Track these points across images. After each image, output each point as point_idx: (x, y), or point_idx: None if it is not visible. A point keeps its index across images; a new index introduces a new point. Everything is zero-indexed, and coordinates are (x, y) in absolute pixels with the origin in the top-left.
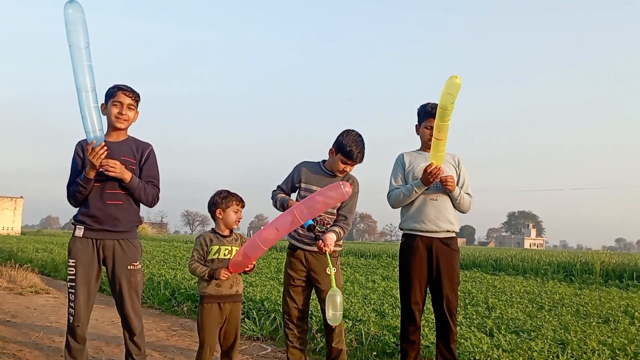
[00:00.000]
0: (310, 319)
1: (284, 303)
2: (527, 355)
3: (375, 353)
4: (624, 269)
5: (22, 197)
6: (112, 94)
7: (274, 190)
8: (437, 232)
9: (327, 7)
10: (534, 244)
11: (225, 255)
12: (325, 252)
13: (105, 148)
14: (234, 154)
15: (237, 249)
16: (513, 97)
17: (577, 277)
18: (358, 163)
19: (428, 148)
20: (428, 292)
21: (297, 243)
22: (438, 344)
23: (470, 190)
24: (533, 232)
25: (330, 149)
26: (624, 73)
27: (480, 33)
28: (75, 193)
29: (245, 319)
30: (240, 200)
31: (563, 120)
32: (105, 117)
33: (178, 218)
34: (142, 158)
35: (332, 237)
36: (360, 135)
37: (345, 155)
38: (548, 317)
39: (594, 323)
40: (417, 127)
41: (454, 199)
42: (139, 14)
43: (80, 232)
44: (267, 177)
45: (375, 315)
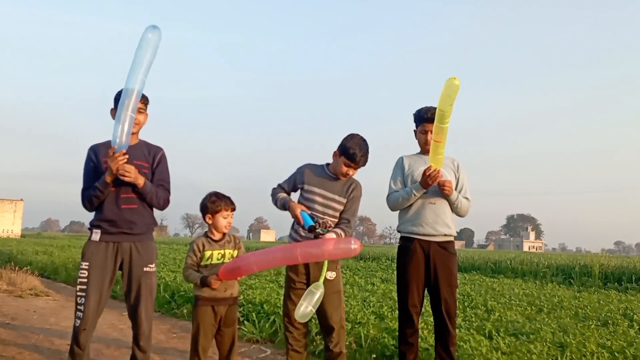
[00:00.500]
0: (310, 322)
1: (285, 306)
2: (526, 358)
3: (375, 355)
4: (623, 272)
5: (22, 199)
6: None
7: (275, 189)
8: (434, 235)
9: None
10: (533, 247)
11: (219, 260)
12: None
13: (127, 156)
14: (234, 157)
15: (230, 252)
16: (513, 100)
17: (576, 280)
18: (361, 166)
19: (426, 152)
20: (426, 294)
21: None
22: (437, 347)
23: (469, 195)
24: (532, 235)
25: (334, 152)
26: (623, 76)
27: (480, 35)
28: (92, 197)
29: (245, 322)
30: (230, 204)
31: (562, 124)
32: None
33: (178, 221)
34: (154, 162)
35: (332, 237)
36: (365, 139)
37: (349, 158)
38: (547, 319)
39: (593, 326)
40: (415, 131)
41: (452, 203)
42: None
43: (97, 236)
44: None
45: (375, 318)
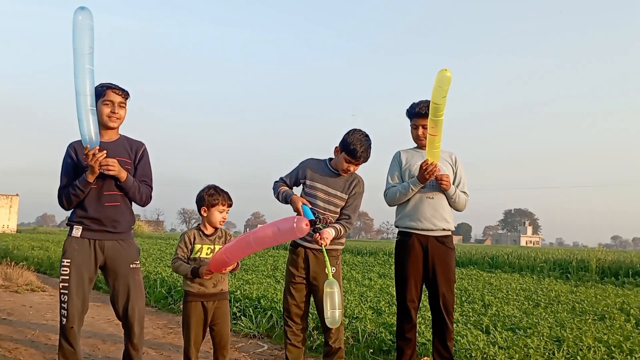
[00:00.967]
0: (309, 317)
1: (284, 300)
2: (523, 353)
3: (372, 350)
4: (620, 266)
5: (17, 194)
6: (101, 94)
7: (277, 182)
8: (433, 230)
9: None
10: (530, 242)
11: (208, 255)
12: (321, 244)
13: (105, 152)
14: (231, 152)
15: (220, 247)
16: (508, 94)
17: (573, 274)
18: (362, 163)
19: (422, 146)
20: (424, 289)
21: (299, 240)
22: (435, 342)
23: (467, 189)
24: (529, 229)
25: (336, 147)
26: (619, 71)
27: (475, 29)
28: (71, 196)
29: (242, 317)
30: (228, 199)
31: (559, 118)
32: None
33: (174, 216)
34: (136, 157)
35: (330, 232)
36: (367, 135)
37: (349, 154)
38: (544, 314)
39: (590, 320)
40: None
41: (450, 198)
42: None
43: (78, 232)
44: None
45: (372, 313)
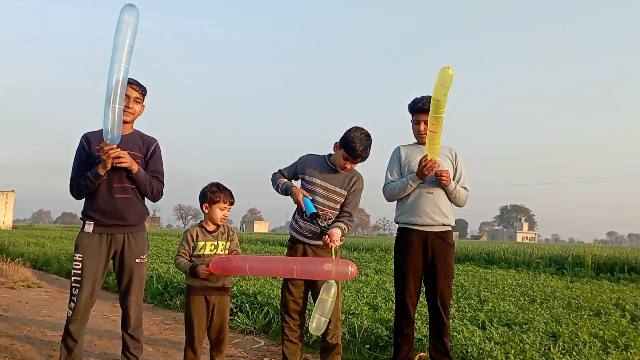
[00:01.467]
0: (306, 313)
1: (282, 296)
2: (519, 348)
3: (368, 346)
4: (615, 262)
5: (13, 190)
6: None
7: (275, 174)
8: (432, 225)
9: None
10: (526, 238)
11: (211, 251)
12: (332, 247)
13: (118, 150)
14: (227, 148)
15: (223, 243)
16: (506, 90)
17: (568, 270)
18: (360, 162)
19: (422, 142)
20: (422, 285)
21: (297, 236)
22: (431, 338)
23: (467, 184)
24: (525, 225)
25: (336, 143)
26: (615, 67)
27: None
28: (82, 187)
29: (238, 313)
30: (229, 197)
31: (555, 114)
32: None
33: (170, 212)
34: (147, 152)
35: (338, 232)
36: (368, 135)
37: (348, 152)
38: (540, 310)
39: (586, 316)
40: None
41: (450, 193)
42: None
43: (90, 227)
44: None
45: (368, 309)
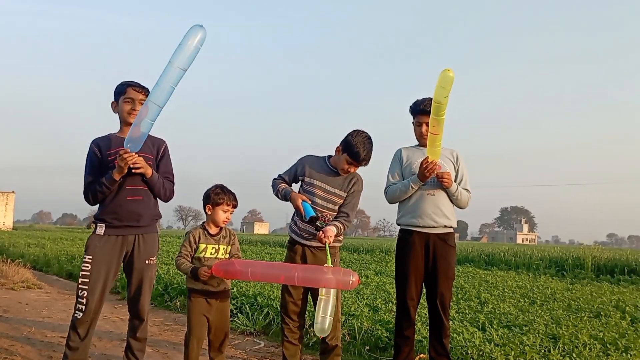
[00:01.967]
0: (306, 314)
1: (282, 297)
2: (519, 350)
3: (368, 348)
4: (615, 264)
5: (13, 191)
6: (122, 91)
7: (275, 179)
8: (434, 227)
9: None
10: (527, 239)
11: (212, 255)
12: (325, 243)
13: (136, 156)
14: (228, 149)
15: (224, 247)
16: (505, 92)
17: (568, 272)
18: (364, 165)
19: (423, 144)
20: (423, 287)
21: (296, 237)
22: (431, 339)
23: (469, 186)
24: (525, 227)
25: (338, 147)
26: (616, 68)
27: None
28: (97, 193)
29: (238, 314)
30: (233, 200)
31: (555, 116)
32: (117, 114)
33: (171, 213)
34: (158, 154)
35: (332, 229)
36: (370, 138)
37: (352, 157)
38: (540, 311)
39: (586, 317)
40: (413, 123)
41: (451, 195)
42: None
43: (102, 230)
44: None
45: (368, 310)
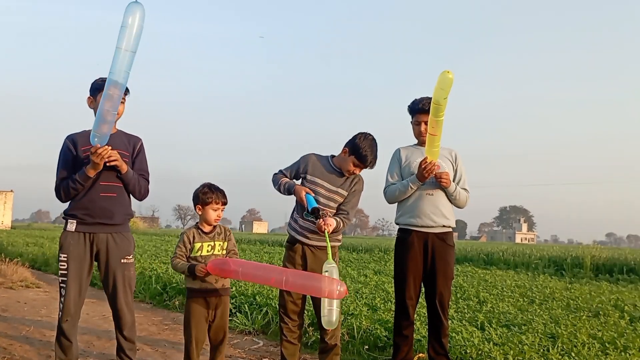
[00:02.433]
0: (305, 314)
1: (281, 297)
2: (517, 349)
3: (367, 347)
4: (614, 264)
5: (12, 190)
6: (100, 87)
7: (276, 174)
8: (432, 227)
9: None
10: (525, 239)
11: (208, 252)
12: (324, 230)
13: (110, 148)
14: (227, 149)
15: (220, 243)
16: (504, 91)
17: (567, 271)
18: (370, 168)
19: (422, 143)
20: (422, 286)
21: (297, 235)
22: (430, 339)
23: (468, 186)
24: (524, 226)
25: (344, 148)
26: (614, 68)
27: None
28: (70, 189)
29: (237, 313)
30: (222, 197)
31: (554, 115)
32: (93, 110)
33: (169, 212)
34: (134, 151)
35: (333, 221)
36: (376, 141)
37: (359, 159)
38: (539, 311)
39: (584, 317)
40: (411, 123)
41: (450, 195)
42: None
43: (73, 226)
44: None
45: (367, 310)
